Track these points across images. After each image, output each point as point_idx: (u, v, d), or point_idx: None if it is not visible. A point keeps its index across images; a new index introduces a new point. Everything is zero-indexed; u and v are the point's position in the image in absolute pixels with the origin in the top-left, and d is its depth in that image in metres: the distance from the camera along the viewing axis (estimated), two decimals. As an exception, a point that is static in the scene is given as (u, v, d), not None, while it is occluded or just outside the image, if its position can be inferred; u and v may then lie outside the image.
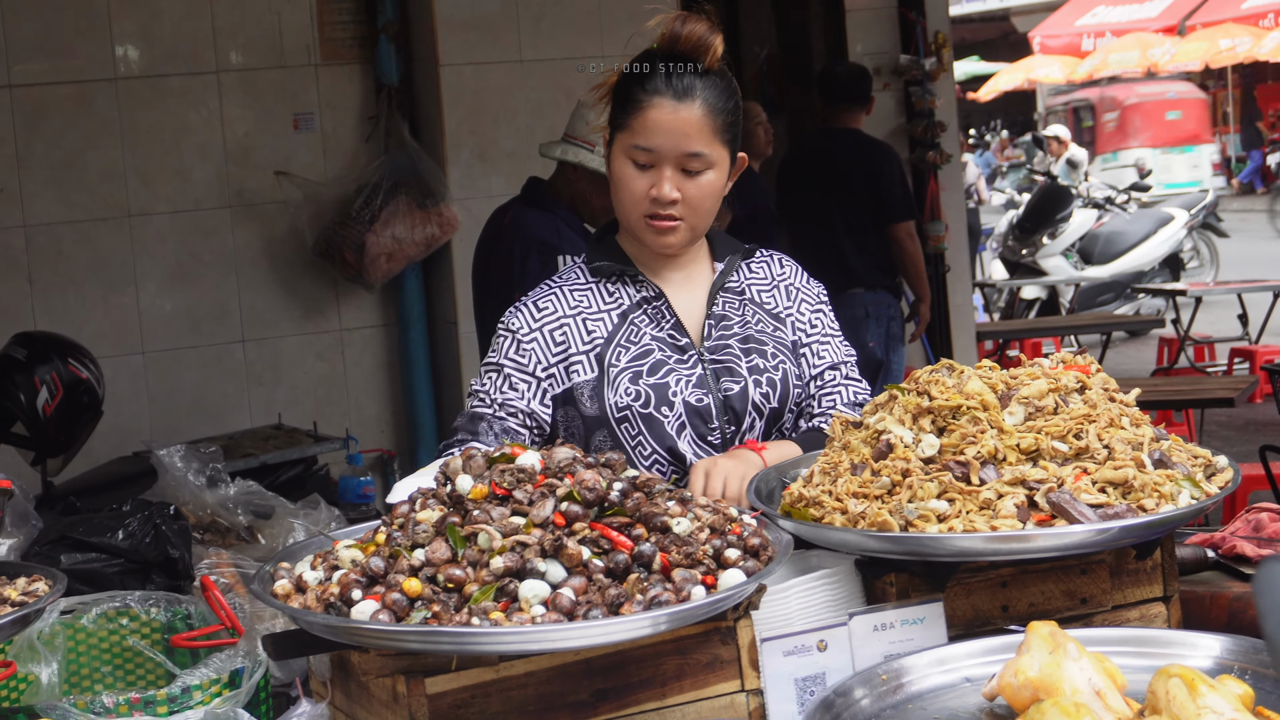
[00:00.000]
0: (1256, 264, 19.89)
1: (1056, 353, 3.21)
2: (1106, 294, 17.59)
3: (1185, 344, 14.33)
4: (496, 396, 3.65)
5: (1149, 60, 34.45)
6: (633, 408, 3.60)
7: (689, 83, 3.57)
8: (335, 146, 8.80)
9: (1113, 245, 18.07)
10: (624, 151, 3.61)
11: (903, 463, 2.89)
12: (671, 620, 2.50)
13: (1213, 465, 3.01)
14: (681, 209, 3.61)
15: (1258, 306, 14.98)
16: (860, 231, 9.48)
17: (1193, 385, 10.04)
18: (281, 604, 2.66)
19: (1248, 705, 2.31)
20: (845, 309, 8.89)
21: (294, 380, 8.82)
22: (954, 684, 2.67)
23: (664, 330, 3.69)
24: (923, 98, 11.07)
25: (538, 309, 3.70)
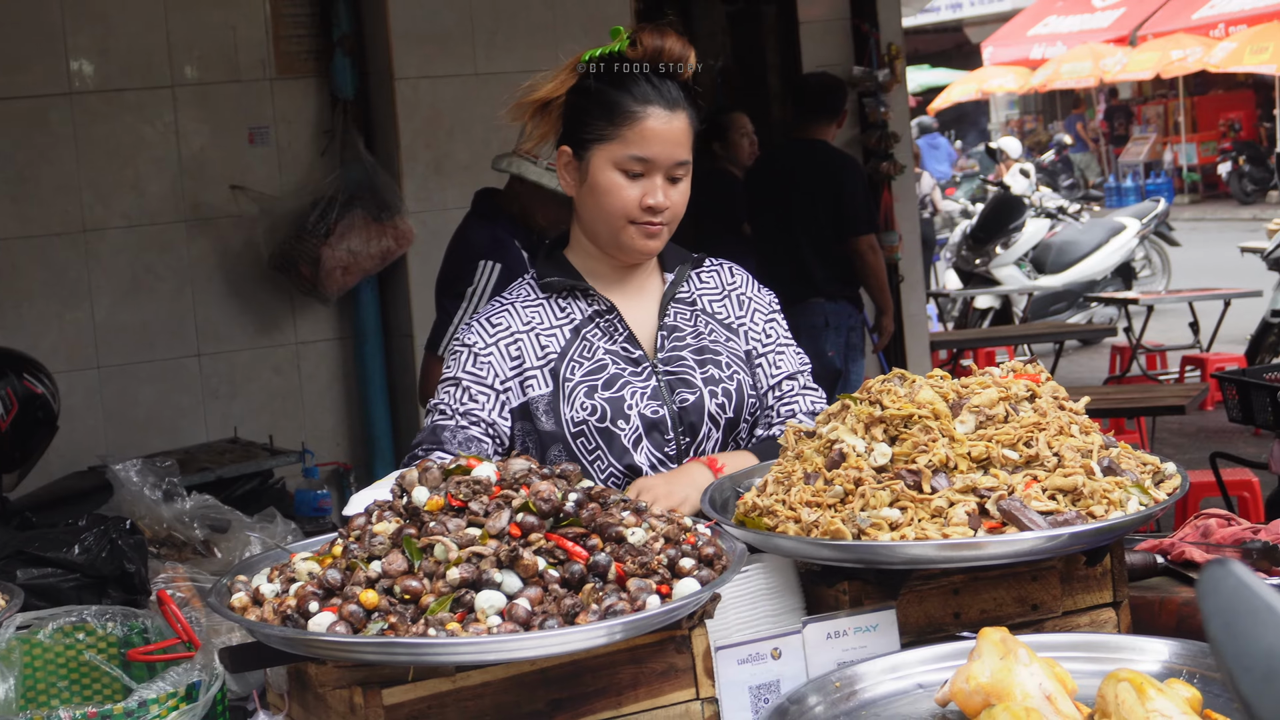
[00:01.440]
0: (1208, 272, 20.01)
1: (1009, 362, 3.24)
2: (1059, 303, 17.67)
3: (1137, 352, 14.42)
4: (457, 408, 3.65)
5: (1101, 70, 34.64)
6: (589, 423, 3.61)
7: (676, 93, 3.64)
8: (291, 160, 8.80)
9: (1065, 255, 18.16)
10: (614, 162, 3.62)
11: (855, 471, 2.91)
12: (627, 629, 2.52)
13: (1161, 472, 3.05)
14: (666, 215, 3.66)
15: (1209, 314, 15.08)
16: (822, 242, 9.53)
17: (1144, 393, 10.10)
18: (238, 617, 2.67)
19: (1196, 709, 2.34)
20: (805, 318, 8.98)
21: (250, 394, 8.80)
22: (907, 690, 2.69)
23: (617, 343, 3.71)
24: (876, 109, 11.12)
25: (491, 324, 3.71)
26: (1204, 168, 35.47)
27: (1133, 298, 15.13)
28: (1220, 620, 1.43)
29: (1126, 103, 39.84)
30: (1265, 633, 1.42)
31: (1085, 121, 39.70)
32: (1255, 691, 1.42)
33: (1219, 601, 1.44)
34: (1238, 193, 33.22)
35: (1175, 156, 35.80)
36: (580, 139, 3.67)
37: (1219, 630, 1.43)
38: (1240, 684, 1.43)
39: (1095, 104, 40.08)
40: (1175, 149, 35.93)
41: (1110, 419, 9.32)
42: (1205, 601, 1.45)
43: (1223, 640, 1.43)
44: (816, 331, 9.33)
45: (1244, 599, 1.44)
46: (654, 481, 3.48)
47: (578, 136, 3.68)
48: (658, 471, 3.66)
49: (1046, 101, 42.75)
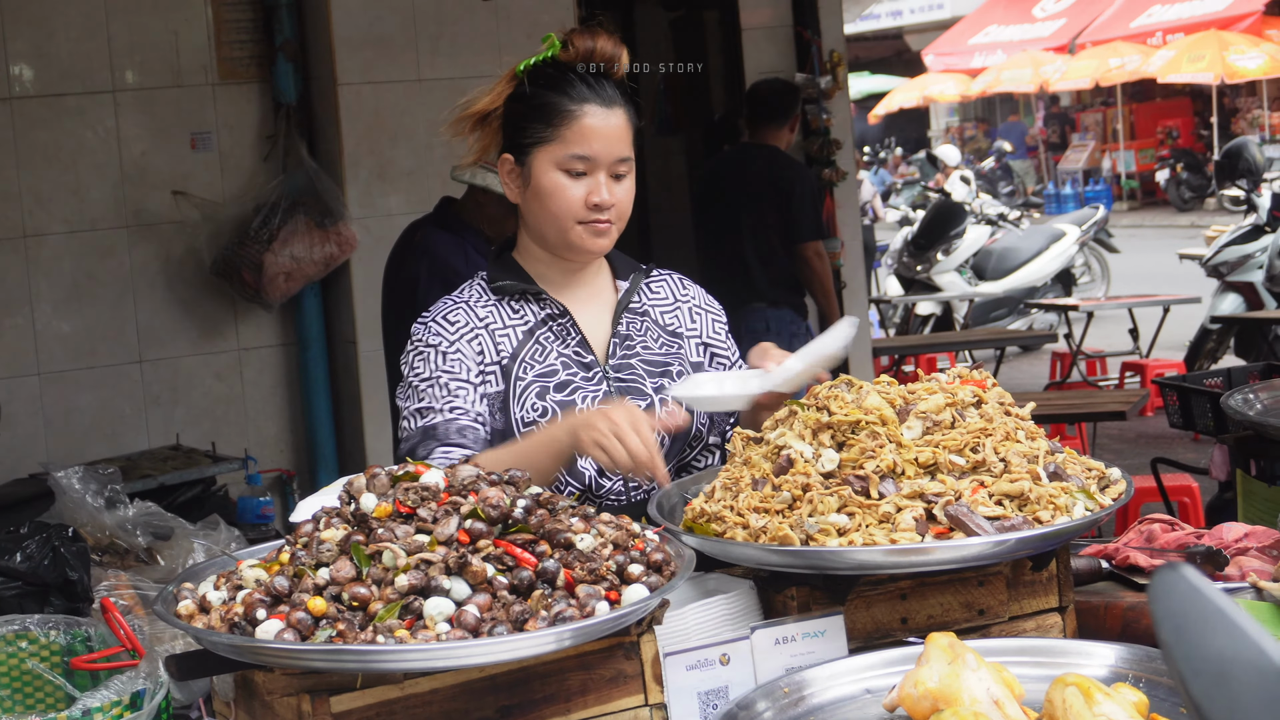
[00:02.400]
0: (1146, 279, 20.13)
1: (951, 368, 3.26)
2: (1000, 309, 17.75)
3: (1077, 358, 14.49)
4: (443, 405, 3.60)
5: (1041, 78, 34.84)
6: (539, 424, 3.60)
7: (611, 91, 3.66)
8: (233, 166, 8.76)
9: (1006, 261, 18.24)
10: (555, 163, 3.62)
11: (803, 477, 2.92)
12: (575, 636, 2.52)
13: (1106, 478, 3.06)
14: (613, 213, 3.66)
15: (1148, 321, 15.17)
16: (767, 247, 9.55)
17: (1085, 399, 10.15)
18: (185, 624, 2.65)
19: (1142, 713, 2.36)
20: (746, 322, 9.02)
21: (192, 400, 8.75)
22: (855, 695, 2.70)
23: (569, 347, 3.71)
24: (818, 116, 11.15)
25: (449, 322, 3.69)
26: (1142, 175, 35.73)
27: (1073, 304, 15.20)
28: (1171, 624, 1.44)
29: (1066, 110, 40.08)
30: (1216, 637, 1.43)
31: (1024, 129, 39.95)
32: (1206, 695, 1.43)
33: (1170, 606, 1.45)
34: (1175, 200, 33.46)
35: (1114, 164, 36.05)
36: (520, 145, 3.67)
37: (1170, 634, 1.44)
38: (1191, 688, 1.44)
39: (1034, 111, 40.30)
40: (1114, 156, 36.18)
41: (1051, 425, 9.36)
42: (1156, 606, 1.45)
43: (1174, 644, 1.44)
44: (757, 336, 9.22)
45: (1195, 603, 1.45)
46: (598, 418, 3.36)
47: (517, 143, 3.68)
48: (603, 479, 3.67)
49: (986, 109, 42.96)
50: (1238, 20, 31.74)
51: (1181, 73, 31.58)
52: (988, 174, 31.79)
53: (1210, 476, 7.06)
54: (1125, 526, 4.37)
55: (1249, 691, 1.41)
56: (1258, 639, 1.42)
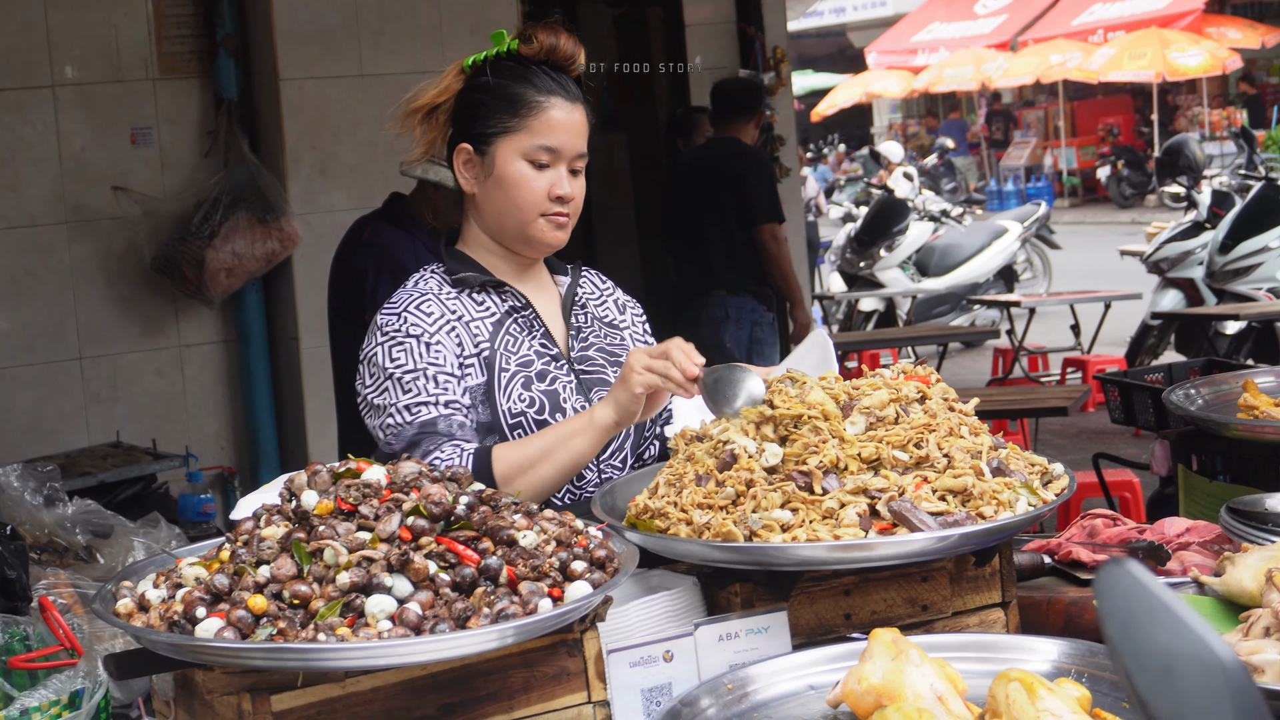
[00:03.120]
0: (1088, 275, 20.24)
1: (894, 364, 3.26)
2: (943, 305, 17.81)
3: (1019, 354, 14.55)
4: (436, 398, 3.55)
5: (983, 75, 35.00)
6: (527, 414, 3.58)
7: (573, 87, 3.67)
8: (174, 161, 8.71)
9: (949, 258, 18.30)
10: (520, 153, 3.61)
11: (746, 473, 2.91)
12: (518, 633, 2.50)
13: (1049, 473, 3.07)
14: (571, 207, 3.67)
15: (1089, 317, 15.24)
16: (726, 234, 9.65)
17: (1027, 395, 10.18)
18: (124, 623, 2.62)
19: (1085, 708, 2.36)
20: (705, 310, 9.15)
21: (132, 397, 8.71)
22: (798, 692, 2.69)
23: (536, 339, 3.71)
24: (762, 112, 11.16)
25: (425, 313, 3.63)
26: (1083, 172, 35.93)
27: (1015, 300, 15.26)
28: (1117, 620, 1.44)
29: (1008, 107, 40.26)
30: (1162, 632, 1.43)
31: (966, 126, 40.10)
32: (1152, 691, 1.43)
33: (1115, 601, 1.44)
34: (1116, 197, 33.66)
35: (1055, 160, 36.24)
36: (481, 133, 3.65)
37: (1116, 630, 1.44)
38: (1137, 683, 1.44)
39: (977, 108, 40.46)
40: (1055, 153, 36.37)
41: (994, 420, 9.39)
42: (1102, 601, 1.45)
43: (1119, 639, 1.44)
44: (716, 323, 9.48)
45: (1141, 598, 1.45)
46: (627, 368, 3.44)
47: (477, 132, 3.66)
48: (587, 469, 3.69)
49: (929, 106, 43.12)
50: (1178, 18, 31.98)
51: (1123, 70, 31.79)
52: (930, 171, 31.89)
53: (1152, 472, 7.11)
54: (1067, 522, 4.39)
55: (1194, 687, 1.41)
56: (1203, 634, 1.42)
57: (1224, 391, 4.24)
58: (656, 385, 3.39)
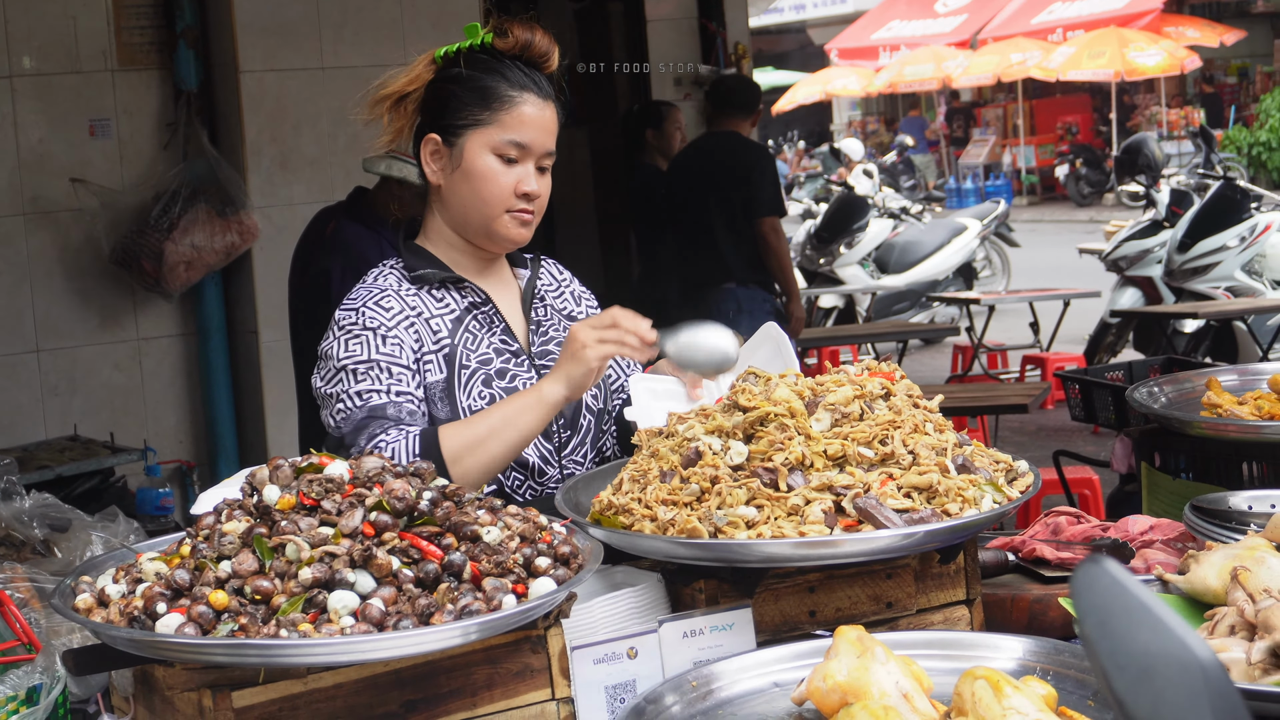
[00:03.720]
0: (1046, 273, 20.31)
1: (855, 361, 3.25)
2: (902, 302, 17.83)
3: (979, 351, 14.58)
4: (387, 387, 3.52)
5: (943, 73, 35.08)
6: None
7: (547, 85, 3.67)
8: (133, 153, 8.66)
9: (908, 255, 18.32)
10: (490, 147, 3.60)
11: (711, 470, 2.90)
12: (482, 629, 2.48)
13: (1014, 470, 3.06)
14: (536, 204, 3.66)
15: (1048, 314, 15.28)
16: (734, 228, 9.74)
17: (987, 392, 10.21)
18: (83, 618, 2.60)
19: (1051, 706, 2.35)
20: (718, 303, 9.32)
21: (90, 391, 8.65)
22: (763, 689, 2.68)
23: (496, 336, 3.69)
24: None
25: (383, 308, 3.62)
26: (1042, 170, 36.04)
27: (975, 298, 15.29)
28: (1095, 619, 1.43)
29: (967, 105, 40.36)
30: (1140, 632, 1.42)
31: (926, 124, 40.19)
32: (1130, 691, 1.42)
33: (1093, 600, 1.43)
34: (1075, 195, 33.77)
35: (1014, 159, 36.33)
36: (451, 125, 3.63)
37: (1093, 629, 1.43)
38: (1114, 684, 1.43)
39: (936, 106, 40.55)
40: (1014, 151, 36.47)
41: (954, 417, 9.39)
42: (1079, 600, 1.44)
43: (1097, 639, 1.43)
44: (728, 316, 9.57)
45: (1118, 598, 1.44)
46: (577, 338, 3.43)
47: (447, 123, 3.64)
48: (548, 465, 3.69)
49: (889, 104, 43.19)
50: (1137, 18, 32.10)
51: (1082, 69, 31.89)
52: (889, 168, 31.94)
53: (1112, 469, 7.12)
54: (1028, 519, 4.39)
55: (1172, 687, 1.40)
56: (1182, 634, 1.41)
57: (1187, 389, 4.24)
58: (612, 354, 3.41)
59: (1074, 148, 34.88)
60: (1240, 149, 30.86)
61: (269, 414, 8.64)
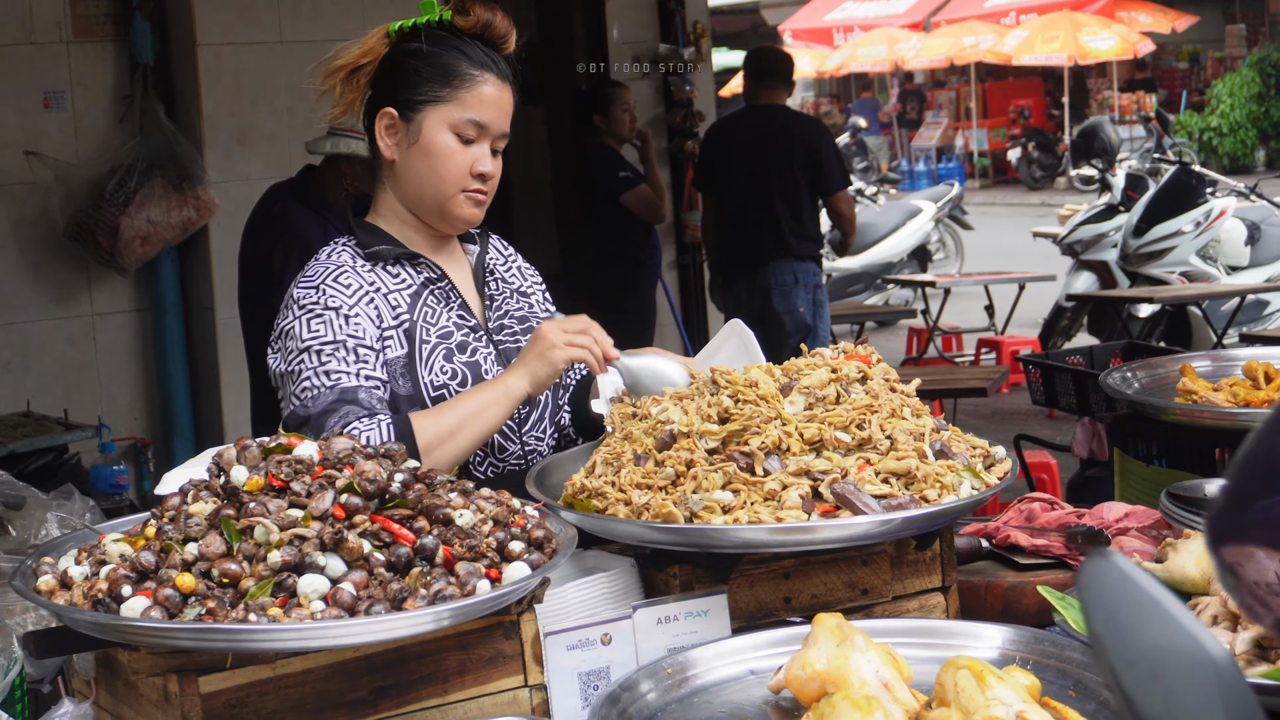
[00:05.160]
0: (998, 255, 20.35)
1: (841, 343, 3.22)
2: (857, 284, 17.82)
3: (934, 334, 14.58)
4: (358, 370, 3.46)
5: (896, 55, 35.12)
6: (450, 386, 3.53)
7: (505, 66, 3.62)
8: (88, 126, 8.57)
9: (863, 237, 18.26)
10: (448, 124, 3.55)
11: (687, 453, 2.87)
12: (455, 615, 2.44)
13: (991, 456, 3.04)
14: (490, 184, 3.62)
15: (1002, 298, 15.31)
16: (795, 202, 9.76)
17: (945, 375, 10.22)
18: (46, 601, 2.55)
19: (1035, 696, 2.32)
20: (776, 277, 9.47)
21: (43, 366, 8.57)
22: (739, 676, 2.65)
23: (454, 311, 3.64)
24: (681, 87, 11.14)
25: (343, 285, 3.55)
26: (994, 153, 36.13)
27: (930, 280, 15.29)
28: (1103, 614, 1.39)
29: (920, 88, 40.42)
30: (1150, 628, 1.39)
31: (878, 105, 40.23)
32: (1139, 688, 1.38)
33: (1101, 595, 1.40)
34: (1027, 178, 33.86)
35: (966, 141, 36.40)
36: (408, 100, 3.57)
37: (1101, 625, 1.39)
38: (1123, 680, 1.39)
39: (889, 88, 40.59)
40: (966, 134, 36.54)
41: (911, 400, 9.38)
42: (1086, 595, 1.40)
43: (1105, 635, 1.39)
44: (787, 289, 9.69)
45: (1127, 592, 1.40)
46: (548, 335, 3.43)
47: (404, 97, 3.58)
48: (509, 441, 3.65)
49: (842, 85, 43.22)
50: (1090, 2, 32.19)
51: (1035, 53, 31.98)
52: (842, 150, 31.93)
53: (1073, 454, 7.13)
54: (995, 506, 4.37)
55: (1184, 684, 1.37)
56: (1193, 629, 1.38)
57: (1160, 375, 4.22)
58: (578, 360, 3.41)
59: (1026, 131, 34.96)
60: (1191, 134, 31.00)
61: (225, 391, 8.58)
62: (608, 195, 10.20)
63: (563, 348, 3.38)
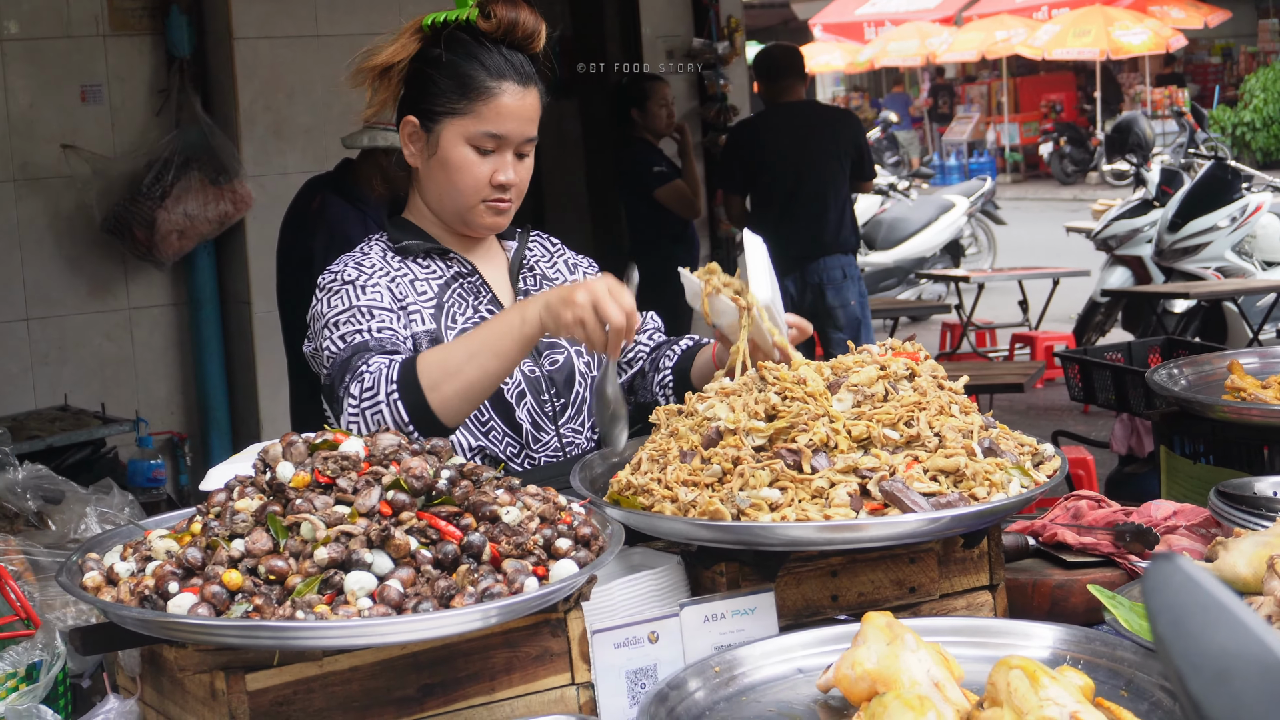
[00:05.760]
0: (1031, 250, 20.29)
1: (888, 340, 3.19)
2: (889, 279, 17.77)
3: (968, 329, 14.54)
4: (368, 327, 3.44)
5: (928, 50, 35.03)
6: None
7: (528, 68, 3.58)
8: (125, 120, 8.58)
9: (896, 231, 18.26)
10: (465, 137, 3.53)
11: (734, 450, 2.85)
12: (503, 613, 2.43)
13: (1039, 454, 3.02)
14: (513, 192, 3.60)
15: (1035, 293, 15.25)
16: (842, 196, 9.83)
17: (981, 371, 10.18)
18: (92, 597, 2.54)
19: (1088, 696, 2.30)
20: (826, 272, 9.56)
21: (80, 360, 8.59)
22: (787, 675, 2.64)
23: (483, 304, 3.63)
24: (715, 82, 11.11)
25: (363, 267, 3.57)
26: (1026, 148, 36.01)
27: (964, 275, 15.24)
28: (1168, 618, 1.37)
29: (951, 82, 40.32)
30: (1216, 631, 1.37)
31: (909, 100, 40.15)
32: (1206, 692, 1.37)
33: (1166, 599, 1.38)
34: (1058, 173, 33.74)
35: (998, 136, 36.29)
36: (428, 110, 3.57)
37: (1167, 629, 1.37)
38: (1190, 685, 1.37)
39: (920, 83, 40.49)
40: (998, 129, 36.43)
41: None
42: (1152, 599, 1.39)
43: (1171, 639, 1.37)
44: (838, 284, 9.73)
45: (1193, 596, 1.39)
46: (571, 290, 3.22)
47: (425, 107, 3.57)
48: (544, 432, 3.62)
49: (872, 80, 43.14)
50: (1123, -4, 32.09)
51: (1067, 47, 31.87)
52: (873, 144, 31.86)
53: (1111, 450, 7.10)
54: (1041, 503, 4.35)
55: (1252, 689, 1.35)
56: (1261, 634, 1.36)
57: (1206, 372, 4.19)
58: (603, 318, 3.16)
59: (1058, 126, 34.85)
60: (1224, 129, 30.85)
61: (261, 385, 8.58)
62: (642, 190, 10.19)
63: (583, 307, 3.16)
